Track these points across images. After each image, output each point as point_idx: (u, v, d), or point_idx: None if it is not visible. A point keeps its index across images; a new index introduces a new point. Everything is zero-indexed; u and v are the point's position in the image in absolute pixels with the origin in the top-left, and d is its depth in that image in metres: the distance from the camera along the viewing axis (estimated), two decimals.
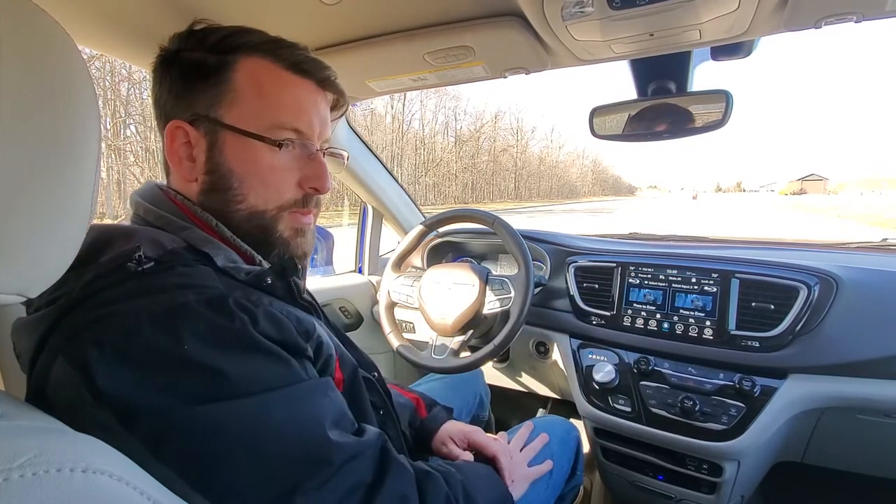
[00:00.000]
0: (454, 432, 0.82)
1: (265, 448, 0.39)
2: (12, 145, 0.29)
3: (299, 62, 0.55)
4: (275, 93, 0.54)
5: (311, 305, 0.57)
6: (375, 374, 0.67)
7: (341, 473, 0.43)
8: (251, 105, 0.52)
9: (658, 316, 1.06)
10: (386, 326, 1.24)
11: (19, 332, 0.47)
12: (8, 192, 0.30)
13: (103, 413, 0.36)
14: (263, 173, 0.53)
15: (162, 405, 0.37)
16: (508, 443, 0.84)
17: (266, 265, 0.56)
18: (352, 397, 0.56)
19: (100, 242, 0.46)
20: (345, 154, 0.67)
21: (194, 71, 0.53)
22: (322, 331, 0.53)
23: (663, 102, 1.00)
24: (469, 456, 0.75)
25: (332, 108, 0.63)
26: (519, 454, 0.82)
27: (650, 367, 1.02)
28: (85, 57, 0.37)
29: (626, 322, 1.09)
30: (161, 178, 0.59)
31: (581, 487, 1.38)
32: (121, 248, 0.45)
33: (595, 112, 1.08)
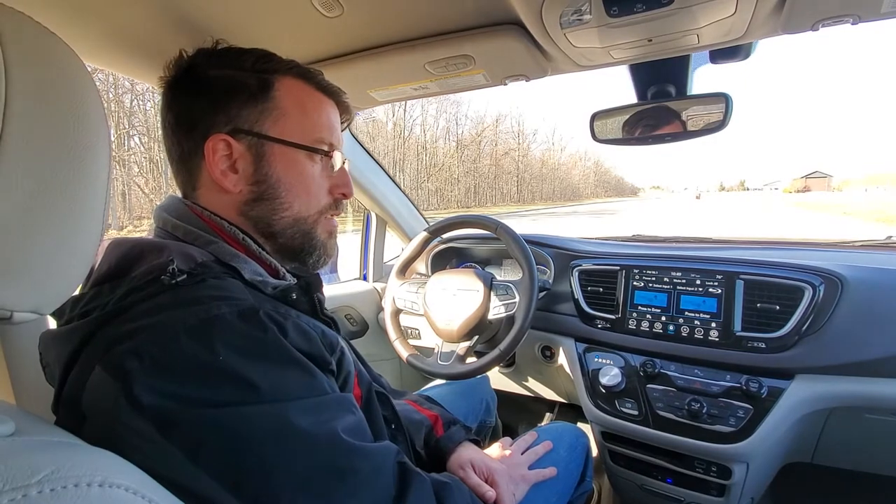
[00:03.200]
0: (476, 461, 0.76)
1: (296, 455, 0.40)
2: (25, 165, 0.30)
3: (326, 85, 0.62)
4: (314, 111, 0.60)
5: (331, 321, 0.59)
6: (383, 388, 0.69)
7: (369, 483, 0.44)
8: (296, 121, 0.58)
9: (663, 318, 1.06)
10: (391, 333, 1.24)
11: (48, 343, 0.49)
12: (22, 210, 0.30)
13: (142, 422, 0.37)
14: (307, 182, 0.59)
15: (199, 413, 0.38)
16: (511, 446, 0.85)
17: (290, 279, 0.58)
18: (368, 413, 0.58)
19: (131, 256, 0.48)
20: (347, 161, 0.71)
21: (233, 88, 0.55)
22: (345, 346, 0.55)
23: (663, 106, 1.00)
24: (493, 494, 0.71)
25: None
26: (520, 456, 0.82)
27: (656, 370, 1.02)
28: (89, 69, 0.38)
29: (632, 325, 1.09)
30: (166, 188, 0.60)
31: (593, 489, 1.38)
32: (153, 261, 0.46)
33: (595, 117, 1.09)
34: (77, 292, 0.48)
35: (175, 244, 0.50)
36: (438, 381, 1.20)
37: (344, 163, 0.64)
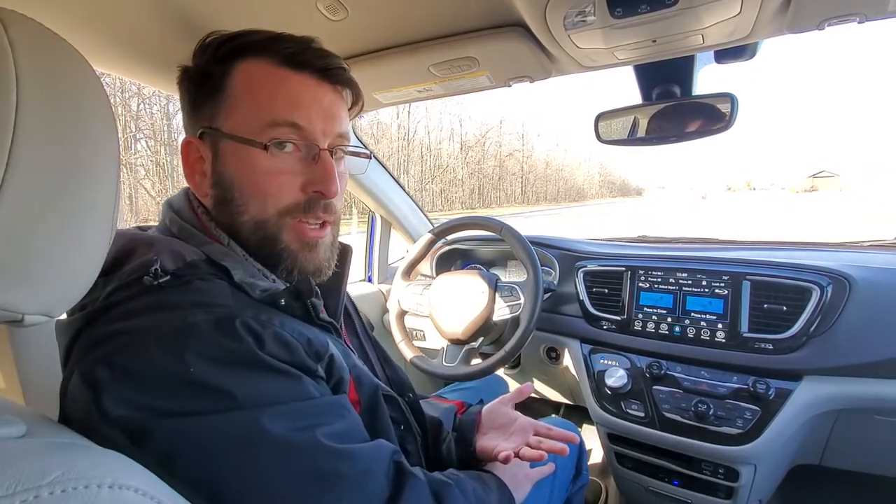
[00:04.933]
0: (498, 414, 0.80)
1: (273, 462, 0.39)
2: (36, 170, 0.30)
3: (294, 54, 0.52)
4: (267, 90, 0.51)
5: (331, 325, 0.55)
6: (410, 395, 0.67)
7: (357, 487, 0.43)
8: (246, 109, 0.51)
9: (669, 319, 1.05)
10: (397, 335, 1.24)
11: (58, 334, 0.48)
12: (33, 214, 0.31)
13: (114, 432, 0.37)
14: (260, 179, 0.51)
15: (169, 424, 0.37)
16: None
17: (279, 283, 0.55)
18: (371, 416, 0.56)
19: (125, 251, 0.47)
20: (367, 152, 0.64)
21: (201, 83, 0.53)
22: (336, 350, 0.51)
23: (668, 106, 1.00)
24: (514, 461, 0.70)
25: (351, 106, 0.60)
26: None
27: (662, 372, 1.02)
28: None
29: (637, 326, 1.08)
30: (172, 191, 0.60)
31: (600, 490, 1.37)
32: (142, 257, 0.45)
33: (600, 117, 1.08)
34: None
35: (166, 241, 0.48)
36: (455, 385, 1.20)
37: (331, 151, 0.54)
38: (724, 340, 0.98)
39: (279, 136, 0.50)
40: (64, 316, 0.49)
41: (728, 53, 0.90)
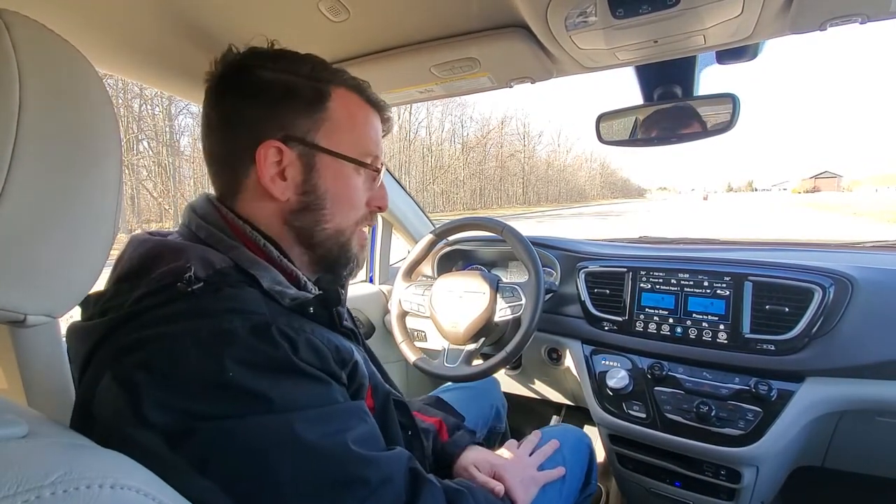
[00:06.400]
0: (480, 461, 0.79)
1: (305, 465, 0.40)
2: (39, 171, 0.31)
3: (375, 99, 0.62)
4: (363, 124, 0.60)
5: (351, 332, 0.58)
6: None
7: (379, 493, 0.44)
8: (347, 133, 0.57)
9: (671, 320, 1.05)
10: (398, 335, 1.24)
11: (71, 337, 0.49)
12: (36, 215, 0.31)
13: (150, 436, 0.37)
14: (352, 195, 0.59)
15: (207, 428, 0.38)
16: (518, 448, 0.85)
17: (311, 286, 0.57)
18: (382, 422, 0.58)
19: (151, 257, 0.48)
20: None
21: (289, 94, 0.54)
22: (359, 357, 0.54)
23: (670, 107, 1.00)
24: (501, 487, 0.72)
25: None
26: (528, 458, 0.82)
27: (664, 373, 1.01)
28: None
29: (639, 327, 1.08)
30: (174, 192, 0.60)
31: (601, 492, 1.37)
32: (171, 264, 0.46)
33: (601, 118, 1.09)
34: (102, 288, 0.48)
35: (195, 248, 0.50)
36: (448, 385, 1.20)
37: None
38: (725, 341, 0.97)
39: (371, 163, 0.60)
40: (75, 318, 0.49)
41: (730, 54, 0.90)
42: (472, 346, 1.13)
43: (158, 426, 0.38)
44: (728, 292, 1.01)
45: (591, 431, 1.03)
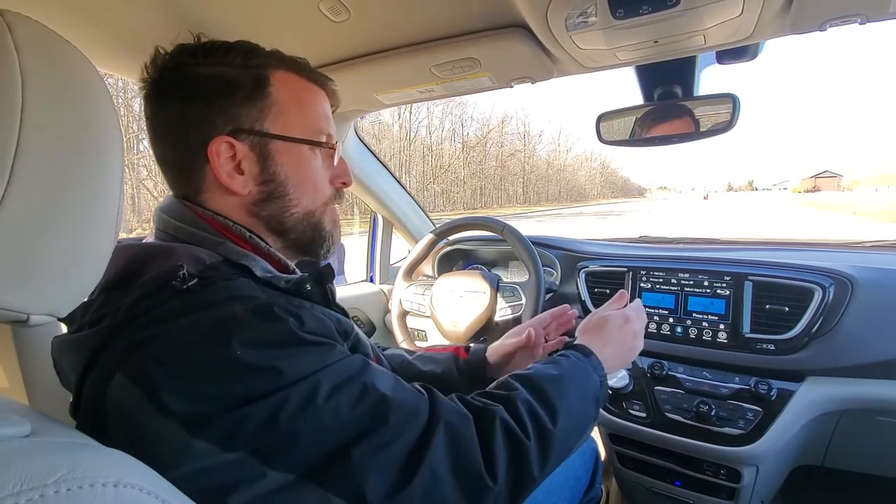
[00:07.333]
0: (503, 343, 0.83)
1: (325, 419, 0.42)
2: (41, 170, 0.31)
3: (318, 76, 0.60)
4: (309, 103, 0.59)
5: (343, 312, 0.59)
6: None
7: (400, 429, 0.44)
8: (294, 116, 0.57)
9: (671, 320, 1.05)
10: (398, 335, 1.24)
11: (60, 349, 0.49)
12: (39, 215, 0.31)
13: (169, 424, 0.38)
14: (312, 175, 0.59)
15: (226, 409, 0.39)
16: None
17: (299, 273, 0.57)
18: None
19: (138, 261, 0.47)
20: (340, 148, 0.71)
21: (228, 87, 0.53)
22: (360, 332, 0.56)
23: (670, 107, 1.00)
24: (524, 337, 0.80)
25: None
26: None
27: (664, 372, 1.02)
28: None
29: None
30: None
31: (601, 491, 1.37)
32: (162, 266, 0.46)
33: (602, 118, 1.09)
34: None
35: (183, 247, 0.49)
36: None
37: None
38: (725, 341, 0.98)
39: (326, 141, 0.59)
40: (63, 330, 0.49)
41: (730, 54, 0.90)
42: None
43: (179, 413, 0.38)
44: (728, 292, 1.01)
45: (593, 433, 1.04)
